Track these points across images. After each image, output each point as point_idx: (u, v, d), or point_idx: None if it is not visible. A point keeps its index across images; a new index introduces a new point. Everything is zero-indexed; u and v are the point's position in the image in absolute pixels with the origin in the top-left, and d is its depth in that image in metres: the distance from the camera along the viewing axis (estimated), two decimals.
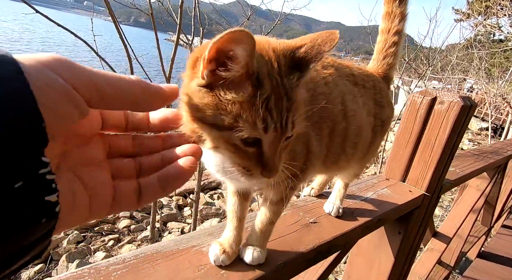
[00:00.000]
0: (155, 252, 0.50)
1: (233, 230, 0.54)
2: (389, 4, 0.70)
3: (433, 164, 0.99)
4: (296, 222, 0.69)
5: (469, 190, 1.86)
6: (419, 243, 1.19)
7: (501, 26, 12.57)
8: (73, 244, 4.01)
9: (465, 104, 0.93)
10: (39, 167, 0.19)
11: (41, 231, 0.20)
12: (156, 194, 0.29)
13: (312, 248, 0.61)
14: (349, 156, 0.62)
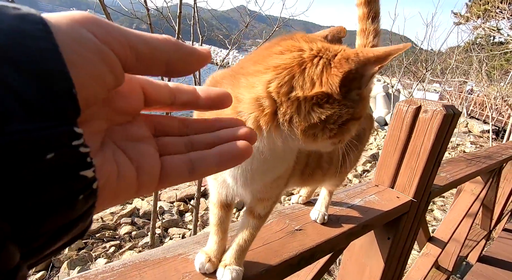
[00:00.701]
0: (143, 260, 0.53)
1: (218, 242, 0.56)
2: (362, 22, 0.74)
3: (420, 170, 1.02)
4: (281, 230, 0.72)
5: (464, 195, 1.88)
6: (410, 248, 1.21)
7: (501, 28, 12.62)
8: (75, 251, 4.03)
9: (448, 112, 0.96)
10: (71, 138, 0.17)
11: (79, 209, 0.18)
12: (209, 168, 0.27)
13: (295, 255, 0.64)
14: (325, 171, 0.64)
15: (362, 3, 0.73)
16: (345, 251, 1.18)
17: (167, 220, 4.86)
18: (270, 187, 0.50)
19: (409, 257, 1.25)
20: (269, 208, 0.55)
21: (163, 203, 5.41)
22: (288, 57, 0.34)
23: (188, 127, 0.30)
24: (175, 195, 5.65)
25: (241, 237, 0.55)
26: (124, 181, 0.23)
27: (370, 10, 0.73)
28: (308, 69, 0.33)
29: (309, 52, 0.34)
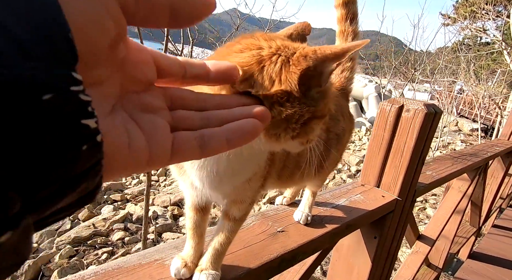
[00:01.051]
0: (116, 268, 0.52)
1: (194, 247, 0.55)
2: (341, 23, 0.76)
3: (404, 169, 1.03)
4: (263, 232, 0.72)
5: (451, 192, 1.90)
6: (398, 247, 1.21)
7: (487, 29, 12.95)
8: (65, 259, 3.94)
9: (429, 111, 0.97)
10: (69, 83, 0.16)
11: (84, 161, 0.17)
12: (221, 145, 0.27)
13: (276, 257, 0.63)
14: (303, 171, 0.63)
15: (340, 5, 0.75)
16: (333, 251, 1.18)
17: (161, 225, 4.80)
18: (242, 189, 0.49)
19: (397, 255, 1.26)
20: (245, 210, 0.54)
21: (157, 208, 5.35)
22: (247, 55, 0.34)
23: (206, 102, 0.30)
24: (169, 199, 5.59)
25: (217, 240, 0.54)
26: (134, 150, 0.22)
27: (348, 12, 0.74)
28: (267, 67, 0.33)
29: (268, 50, 0.34)
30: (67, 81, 0.16)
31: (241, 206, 0.53)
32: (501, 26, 10.31)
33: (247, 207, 0.54)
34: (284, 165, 0.59)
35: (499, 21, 11.23)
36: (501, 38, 9.73)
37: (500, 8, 11.28)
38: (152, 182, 6.42)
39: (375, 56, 7.45)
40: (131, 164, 0.23)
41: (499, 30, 10.39)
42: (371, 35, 13.54)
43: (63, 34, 0.16)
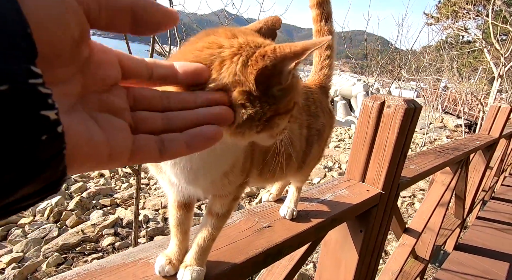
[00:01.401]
0: (99, 268, 0.52)
1: (179, 244, 0.56)
2: (317, 23, 0.78)
3: (386, 163, 1.06)
4: (249, 228, 0.72)
5: (435, 185, 1.96)
6: (383, 240, 1.24)
7: (468, 28, 13.39)
8: (53, 267, 3.83)
9: (409, 106, 1.00)
10: (28, 75, 0.17)
11: (44, 151, 0.18)
12: (180, 150, 0.28)
13: (261, 251, 0.64)
14: (284, 167, 0.64)
15: (314, 5, 0.77)
16: (322, 246, 1.20)
17: (152, 228, 4.73)
18: (221, 184, 0.49)
19: (383, 248, 1.29)
20: (228, 206, 0.54)
21: (148, 211, 5.27)
22: (207, 53, 0.33)
23: (170, 99, 0.30)
24: (160, 203, 5.53)
25: (201, 236, 0.55)
26: (94, 145, 0.23)
27: (322, 12, 0.77)
28: (226, 66, 0.33)
29: (229, 50, 0.34)
30: (25, 74, 0.17)
31: (223, 201, 0.53)
32: (481, 25, 10.69)
33: (230, 203, 0.54)
34: (264, 161, 0.59)
35: (479, 20, 11.63)
36: (482, 36, 10.09)
37: (480, 8, 11.70)
38: (143, 186, 6.32)
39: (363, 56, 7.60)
40: (93, 158, 0.23)
41: (479, 29, 10.77)
42: (358, 34, 13.76)
43: (22, 29, 0.17)
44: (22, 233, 4.41)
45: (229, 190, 0.52)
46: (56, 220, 4.76)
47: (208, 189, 0.50)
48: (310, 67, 0.87)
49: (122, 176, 6.78)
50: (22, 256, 3.97)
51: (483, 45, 10.04)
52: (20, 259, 3.94)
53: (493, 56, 9.47)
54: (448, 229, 2.62)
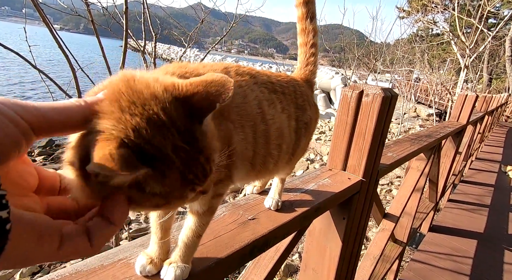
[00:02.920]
0: (74, 273, 0.48)
1: (159, 242, 0.53)
2: (301, 22, 0.80)
3: (366, 151, 1.08)
4: (234, 221, 0.71)
5: (411, 172, 2.06)
6: (365, 225, 1.29)
7: (437, 21, 14.07)
8: (28, 277, 3.63)
9: (386, 95, 1.03)
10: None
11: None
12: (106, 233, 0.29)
13: (247, 244, 0.63)
14: (276, 158, 0.63)
15: (300, 4, 0.78)
16: (307, 236, 1.22)
17: (134, 229, 4.59)
18: None
19: (365, 234, 1.33)
20: (208, 204, 0.52)
21: (130, 213, 5.10)
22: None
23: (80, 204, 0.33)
24: None
25: (184, 234, 0.53)
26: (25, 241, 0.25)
27: (308, 11, 0.78)
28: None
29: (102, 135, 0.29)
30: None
31: (202, 200, 0.51)
32: (448, 18, 11.26)
33: (209, 201, 0.52)
34: (255, 153, 0.58)
35: (446, 13, 12.24)
36: (449, 29, 10.63)
37: (447, 2, 12.30)
38: None
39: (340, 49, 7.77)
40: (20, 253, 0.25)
41: (447, 22, 11.34)
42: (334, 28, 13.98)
43: None
44: None
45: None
46: None
47: None
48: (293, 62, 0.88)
49: None
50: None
51: (450, 38, 10.60)
52: None
53: (459, 47, 10.04)
54: (423, 213, 2.78)
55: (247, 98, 0.57)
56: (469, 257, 2.84)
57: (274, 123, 0.61)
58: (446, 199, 3.99)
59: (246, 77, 0.59)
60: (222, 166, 0.48)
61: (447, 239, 3.10)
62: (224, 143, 0.49)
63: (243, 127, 0.54)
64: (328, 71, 22.16)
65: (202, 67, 0.51)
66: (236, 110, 0.53)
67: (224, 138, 0.49)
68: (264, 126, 0.59)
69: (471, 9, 11.02)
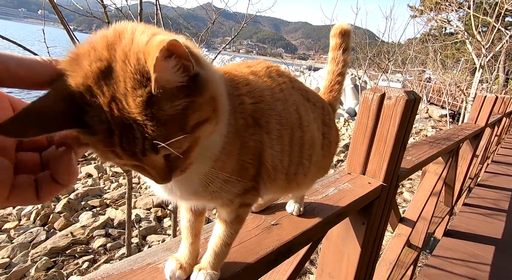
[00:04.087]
0: (106, 276, 0.48)
1: (189, 246, 0.53)
2: (334, 51, 0.81)
3: (387, 155, 1.05)
4: (257, 226, 0.70)
5: (428, 175, 2.01)
6: (384, 231, 1.26)
7: (450, 20, 13.72)
8: (42, 272, 3.72)
9: (409, 98, 1.00)
10: None
11: None
12: (52, 189, 0.30)
13: (272, 250, 0.62)
14: (306, 169, 0.62)
15: (336, 35, 0.80)
16: (324, 240, 1.20)
17: (144, 227, 4.66)
18: (209, 195, 0.46)
19: (383, 239, 1.30)
20: (235, 213, 0.51)
21: (140, 211, 5.19)
22: None
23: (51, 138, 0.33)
24: (151, 201, 5.44)
25: (213, 242, 0.53)
26: None
27: (342, 42, 0.80)
28: None
29: None
30: None
31: (228, 209, 0.51)
32: (463, 17, 10.97)
33: (236, 209, 0.51)
34: (290, 161, 0.56)
35: (461, 12, 11.93)
36: (463, 28, 10.36)
37: (461, 0, 11.98)
38: (133, 185, 6.19)
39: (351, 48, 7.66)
40: None
41: (461, 21, 11.05)
42: None
43: None
44: (8, 238, 4.24)
45: (228, 197, 0.49)
46: (44, 223, 4.60)
47: (199, 199, 0.48)
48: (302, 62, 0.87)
49: (111, 176, 6.62)
50: (9, 262, 3.83)
51: (465, 37, 10.32)
52: (7, 265, 3.80)
53: (474, 47, 9.76)
54: (438, 217, 2.71)
55: (287, 103, 0.56)
56: (486, 264, 2.75)
57: (309, 130, 0.60)
58: (461, 203, 3.88)
59: (286, 79, 0.59)
60: (247, 176, 0.47)
61: (463, 244, 3.01)
62: (252, 154, 0.47)
63: (282, 137, 0.53)
64: None
65: (245, 67, 0.51)
66: (277, 118, 0.52)
67: (254, 149, 0.47)
68: (300, 133, 0.58)
69: (487, 7, 10.70)
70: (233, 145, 0.42)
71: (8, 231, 4.34)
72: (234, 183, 0.46)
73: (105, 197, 5.54)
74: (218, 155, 0.42)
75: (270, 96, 0.52)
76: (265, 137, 0.49)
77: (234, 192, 0.48)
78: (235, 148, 0.43)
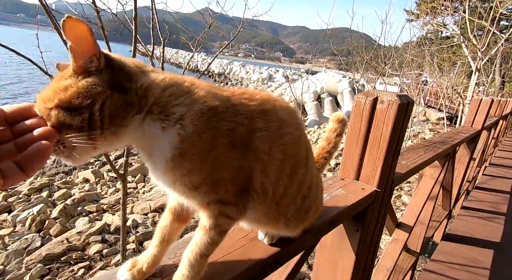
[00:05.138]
0: None
1: (153, 247, 0.52)
2: (330, 132, 0.87)
3: (381, 160, 1.04)
4: (244, 236, 0.68)
5: (425, 179, 1.99)
6: (379, 237, 1.23)
7: (446, 24, 13.85)
8: (37, 279, 3.66)
9: (402, 102, 0.98)
10: None
11: None
12: (18, 176, 0.32)
13: (258, 262, 0.60)
14: (296, 208, 0.62)
15: (334, 120, 0.89)
16: (318, 248, 1.17)
17: (142, 233, 4.61)
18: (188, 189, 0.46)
19: (378, 245, 1.28)
20: (214, 221, 0.49)
21: (137, 216, 5.14)
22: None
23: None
24: (149, 206, 5.39)
25: (189, 248, 0.50)
26: None
27: (338, 128, 0.88)
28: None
29: None
30: None
31: (206, 212, 0.49)
32: (458, 21, 11.07)
33: (215, 217, 0.49)
34: (285, 193, 0.57)
35: (456, 16, 12.05)
36: (459, 32, 10.44)
37: (457, 4, 12.11)
38: (131, 190, 6.15)
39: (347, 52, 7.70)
40: None
41: (457, 25, 11.15)
42: (342, 32, 13.94)
43: None
44: (2, 245, 4.18)
45: (201, 200, 0.48)
46: (39, 229, 4.55)
47: (174, 192, 0.49)
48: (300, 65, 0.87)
49: (108, 180, 6.57)
50: (3, 269, 3.78)
51: (461, 40, 10.40)
52: (1, 273, 3.74)
53: (470, 50, 9.83)
54: (436, 221, 2.68)
55: (301, 139, 0.58)
56: (485, 268, 2.71)
57: (311, 171, 0.63)
58: (459, 207, 3.86)
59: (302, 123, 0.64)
60: (224, 190, 0.47)
61: (462, 248, 2.98)
62: (232, 172, 0.47)
63: (283, 166, 0.54)
64: (335, 75, 22.03)
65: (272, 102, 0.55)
66: (282, 148, 0.53)
67: (236, 168, 0.48)
68: (303, 171, 0.59)
69: (482, 12, 10.81)
70: (199, 159, 0.44)
71: (3, 237, 4.28)
72: (204, 192, 0.47)
73: (102, 202, 5.49)
74: (175, 163, 0.43)
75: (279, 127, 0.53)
76: (256, 161, 0.49)
77: (207, 198, 0.48)
78: (203, 162, 0.44)
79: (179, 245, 0.58)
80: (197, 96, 0.43)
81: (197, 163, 0.43)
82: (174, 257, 0.54)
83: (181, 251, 0.55)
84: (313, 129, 12.74)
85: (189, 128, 0.41)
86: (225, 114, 0.45)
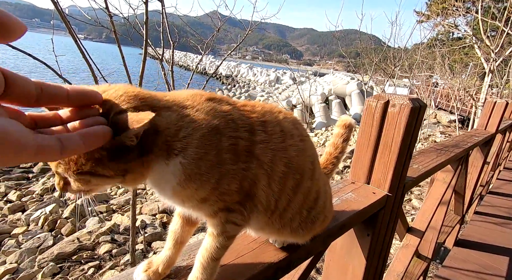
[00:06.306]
0: None
1: (167, 250, 0.53)
2: (336, 138, 0.87)
3: (392, 164, 1.02)
4: (255, 240, 0.68)
5: (436, 184, 1.95)
6: (390, 242, 1.21)
7: (458, 25, 13.58)
8: (49, 277, 3.74)
9: (414, 105, 0.97)
10: None
11: None
12: (78, 146, 0.32)
13: (270, 266, 0.60)
14: (302, 219, 0.62)
15: (341, 126, 0.88)
16: (327, 252, 1.16)
17: (150, 233, 4.66)
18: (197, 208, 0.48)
19: (389, 250, 1.26)
20: (221, 228, 0.49)
21: (145, 216, 5.20)
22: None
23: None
24: (157, 207, 5.45)
25: (200, 254, 0.51)
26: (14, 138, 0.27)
27: (344, 133, 0.88)
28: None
29: None
30: None
31: (213, 221, 0.50)
32: (470, 22, 10.84)
33: (222, 224, 0.50)
34: (288, 206, 0.57)
35: (468, 17, 11.80)
36: (471, 33, 10.23)
37: (469, 5, 11.87)
38: (139, 191, 6.23)
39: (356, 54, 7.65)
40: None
41: (469, 26, 10.92)
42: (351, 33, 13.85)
43: None
44: (16, 243, 4.30)
45: (209, 211, 0.49)
46: (51, 228, 4.65)
47: (183, 208, 0.50)
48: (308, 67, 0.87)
49: None
50: (16, 267, 3.87)
51: (473, 41, 10.18)
52: (14, 270, 3.84)
53: (483, 51, 9.60)
54: (448, 226, 2.62)
55: (306, 151, 0.58)
56: (500, 275, 2.63)
57: (317, 184, 0.62)
58: (473, 212, 3.76)
59: (308, 134, 0.63)
60: (229, 200, 0.48)
61: (475, 254, 2.90)
62: (237, 184, 0.48)
63: (286, 179, 0.54)
64: (343, 77, 21.86)
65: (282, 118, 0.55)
66: (284, 161, 0.53)
67: (240, 180, 0.48)
68: (309, 183, 0.59)
69: (496, 12, 10.55)
70: (205, 177, 0.45)
71: (17, 236, 4.40)
72: (211, 204, 0.48)
73: (112, 202, 5.58)
74: (182, 186, 0.45)
75: (282, 139, 0.53)
76: (259, 173, 0.50)
77: (215, 207, 0.49)
78: (209, 179, 0.45)
79: (192, 247, 0.59)
80: (197, 124, 0.43)
81: (203, 181, 0.44)
82: (188, 259, 0.55)
83: (194, 253, 0.56)
84: (320, 131, 12.66)
85: (191, 154, 0.42)
86: (226, 130, 0.45)
